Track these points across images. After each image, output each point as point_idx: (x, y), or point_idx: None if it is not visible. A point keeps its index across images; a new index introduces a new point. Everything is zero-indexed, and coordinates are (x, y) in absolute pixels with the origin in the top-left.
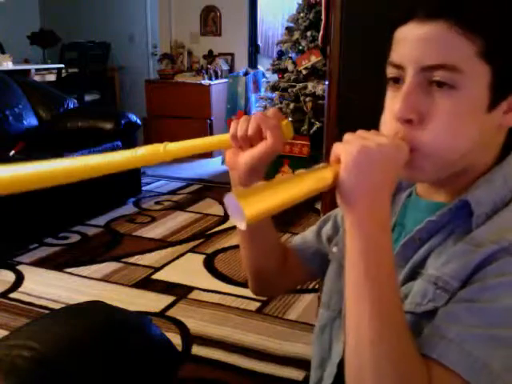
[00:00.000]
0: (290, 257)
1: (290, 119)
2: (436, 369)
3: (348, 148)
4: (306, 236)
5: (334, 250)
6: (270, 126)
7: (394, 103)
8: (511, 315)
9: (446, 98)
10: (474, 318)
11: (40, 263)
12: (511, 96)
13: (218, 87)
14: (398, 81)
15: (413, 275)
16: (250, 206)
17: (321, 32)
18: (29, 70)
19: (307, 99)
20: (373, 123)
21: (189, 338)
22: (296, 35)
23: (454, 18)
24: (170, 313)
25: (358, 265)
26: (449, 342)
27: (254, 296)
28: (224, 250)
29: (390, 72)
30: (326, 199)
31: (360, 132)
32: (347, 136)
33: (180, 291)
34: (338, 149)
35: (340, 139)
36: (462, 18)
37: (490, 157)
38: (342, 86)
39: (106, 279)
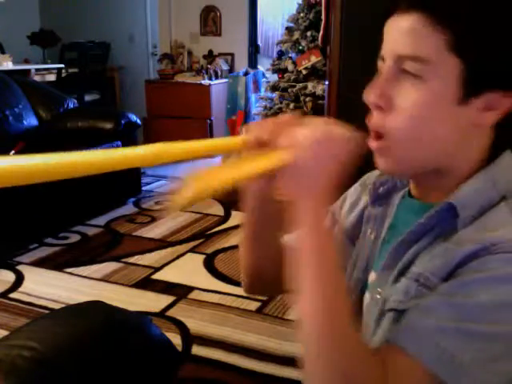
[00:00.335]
0: None
1: None
2: (397, 356)
3: (301, 133)
4: None
5: None
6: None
7: None
8: (486, 310)
9: (412, 87)
10: (448, 311)
11: (40, 263)
12: (488, 93)
13: (217, 87)
14: None
15: (400, 276)
16: (190, 189)
17: (321, 32)
18: (29, 70)
19: (307, 99)
20: None
21: (189, 338)
22: (296, 35)
23: (429, 10)
24: (170, 313)
25: (310, 259)
26: (418, 333)
27: (254, 296)
28: (224, 250)
29: (379, 65)
30: None
31: (317, 119)
32: (303, 122)
33: (180, 291)
34: (291, 133)
35: None
36: (435, 10)
37: (474, 159)
38: (342, 85)
39: (106, 279)
